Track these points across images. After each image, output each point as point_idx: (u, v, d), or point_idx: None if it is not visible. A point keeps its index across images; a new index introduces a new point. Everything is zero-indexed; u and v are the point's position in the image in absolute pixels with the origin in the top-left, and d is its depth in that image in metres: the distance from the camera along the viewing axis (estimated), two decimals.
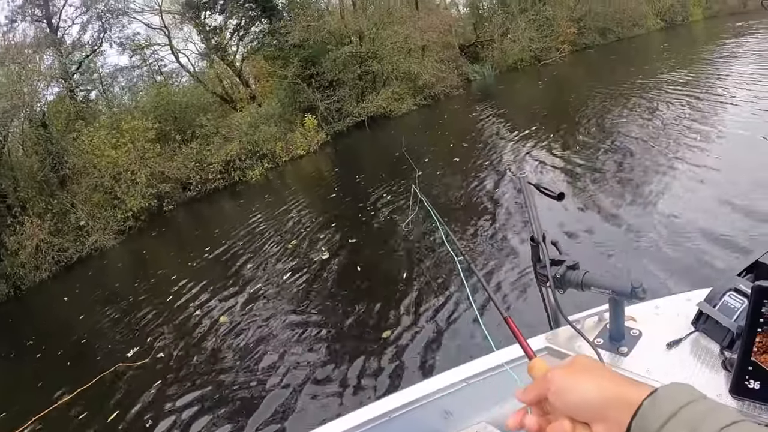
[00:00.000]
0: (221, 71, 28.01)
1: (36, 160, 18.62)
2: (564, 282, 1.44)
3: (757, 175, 5.95)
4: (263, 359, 5.56)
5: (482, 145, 12.62)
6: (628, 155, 8.42)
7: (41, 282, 15.12)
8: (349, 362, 4.91)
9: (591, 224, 6.23)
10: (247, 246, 10.25)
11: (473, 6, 33.33)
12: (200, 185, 20.54)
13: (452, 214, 7.99)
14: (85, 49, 23.95)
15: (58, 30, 22.84)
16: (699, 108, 9.97)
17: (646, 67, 17.11)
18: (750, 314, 1.04)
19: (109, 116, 22.81)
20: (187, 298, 8.45)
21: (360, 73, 24.89)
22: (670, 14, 33.59)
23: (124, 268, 13.97)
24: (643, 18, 31.99)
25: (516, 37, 29.02)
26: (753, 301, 1.03)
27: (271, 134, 21.80)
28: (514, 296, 5.10)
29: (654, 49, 23.29)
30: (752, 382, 1.06)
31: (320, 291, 6.92)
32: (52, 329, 10.21)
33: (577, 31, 30.22)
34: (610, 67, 21.08)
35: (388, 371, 4.61)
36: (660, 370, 1.34)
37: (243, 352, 5.89)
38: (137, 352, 6.88)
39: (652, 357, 1.39)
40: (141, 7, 25.35)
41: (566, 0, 30.69)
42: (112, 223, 17.47)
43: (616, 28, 31.46)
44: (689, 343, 1.38)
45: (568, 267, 1.44)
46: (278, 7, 25.32)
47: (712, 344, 1.34)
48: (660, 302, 1.61)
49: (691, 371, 1.30)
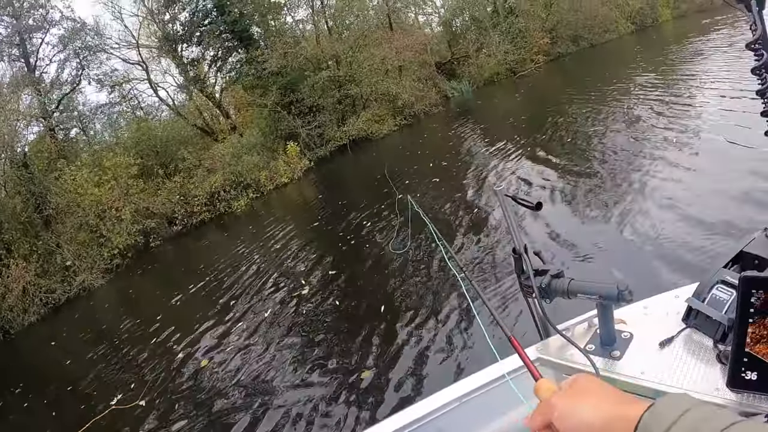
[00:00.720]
0: (201, 103, 28.10)
1: (19, 201, 18.39)
2: (550, 291, 1.42)
3: (728, 177, 6.03)
4: (255, 395, 5.44)
5: (462, 163, 12.70)
6: (606, 161, 8.49)
7: (30, 325, 14.88)
8: (347, 387, 4.83)
9: (572, 231, 6.26)
10: (235, 280, 10.12)
11: (446, 24, 33.86)
12: (186, 219, 20.44)
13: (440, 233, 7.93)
14: (64, 87, 23.97)
15: (36, 69, 22.92)
16: (670, 112, 10.06)
17: (620, 73, 17.42)
18: (739, 306, 1.02)
19: (90, 154, 22.76)
20: (175, 337, 8.26)
21: (339, 97, 25.13)
22: (640, 17, 34.36)
23: (112, 308, 13.76)
24: (614, 23, 32.69)
25: (491, 52, 29.49)
26: (741, 292, 1.02)
27: (254, 164, 21.83)
28: (500, 309, 5.06)
29: (627, 53, 23.75)
30: (749, 373, 1.04)
31: (313, 320, 6.82)
32: (40, 375, 9.98)
33: (551, 41, 30.80)
34: (584, 75, 21.40)
35: (384, 396, 4.53)
36: (655, 371, 1.31)
37: (233, 390, 5.75)
38: (125, 396, 6.71)
39: (645, 358, 1.36)
40: (118, 43, 25.49)
41: (537, 11, 31.25)
42: (99, 262, 17.29)
43: (588, 34, 32.07)
44: (682, 340, 1.36)
45: (552, 276, 1.43)
46: (254, 36, 25.52)
47: (704, 339, 1.32)
48: (648, 302, 1.59)
49: (686, 368, 1.28)
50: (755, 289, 0.99)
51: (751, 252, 1.37)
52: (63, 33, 23.86)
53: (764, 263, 1.34)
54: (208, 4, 24.98)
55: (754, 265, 1.36)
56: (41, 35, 23.18)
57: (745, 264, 1.38)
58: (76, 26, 24.13)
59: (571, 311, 1.63)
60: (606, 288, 1.29)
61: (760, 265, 1.34)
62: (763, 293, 0.99)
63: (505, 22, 30.46)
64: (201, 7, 25.36)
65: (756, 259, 1.36)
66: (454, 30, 33.74)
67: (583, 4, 30.93)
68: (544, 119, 13.80)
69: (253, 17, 25.03)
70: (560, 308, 1.57)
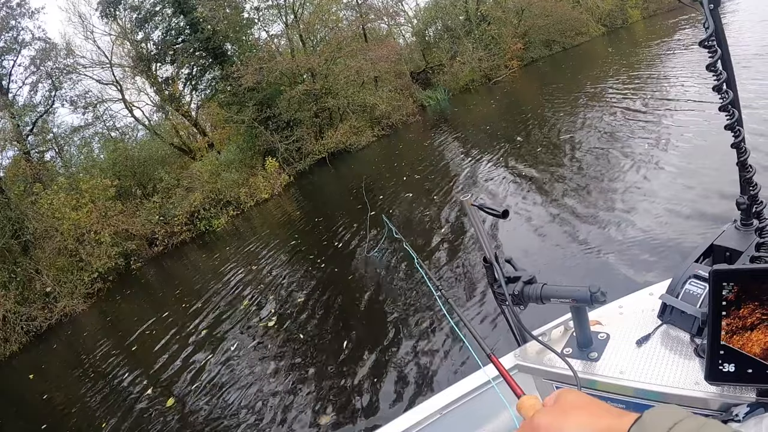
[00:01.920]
0: (177, 122, 27.88)
1: None
2: (523, 298, 1.43)
3: (698, 172, 6.17)
4: (238, 414, 5.38)
5: (436, 173, 12.69)
6: (578, 166, 8.56)
7: (12, 354, 14.52)
8: (335, 405, 4.78)
9: (545, 236, 6.32)
10: (217, 300, 9.99)
11: (419, 34, 34.11)
12: (166, 239, 20.18)
13: (415, 247, 7.90)
14: (38, 109, 23.66)
15: (8, 92, 22.61)
16: (642, 111, 10.26)
17: (592, 75, 17.70)
18: (712, 299, 1.02)
19: (66, 177, 22.37)
20: (158, 364, 8.10)
21: (316, 110, 25.14)
22: (610, 19, 34.91)
23: (94, 335, 13.43)
24: (585, 26, 33.15)
25: (465, 59, 29.72)
26: (712, 286, 1.01)
27: (233, 180, 21.67)
28: (479, 319, 5.07)
29: (599, 55, 24.13)
30: (726, 365, 1.05)
31: (295, 338, 6.75)
32: (20, 412, 9.72)
33: (524, 47, 31.14)
34: (558, 79, 21.66)
35: (366, 412, 4.51)
36: (633, 369, 1.31)
37: (221, 413, 5.67)
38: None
39: (623, 357, 1.36)
40: (91, 63, 25.16)
41: (509, 17, 31.63)
42: (80, 287, 16.93)
43: (560, 38, 32.51)
44: (658, 337, 1.36)
45: (525, 282, 1.43)
46: (228, 53, 25.42)
47: (681, 334, 1.33)
48: (623, 301, 1.59)
49: (665, 364, 1.28)
50: (726, 282, 1.00)
51: (722, 245, 1.38)
52: (34, 54, 23.67)
53: (736, 255, 1.34)
54: (181, 22, 24.83)
55: (725, 257, 1.37)
56: (12, 57, 22.96)
57: (717, 257, 1.39)
58: (47, 47, 23.94)
59: (550, 316, 1.63)
60: (578, 291, 1.29)
61: (732, 258, 1.35)
62: (734, 285, 0.99)
63: (478, 30, 30.79)
64: (174, 26, 25.22)
65: (727, 251, 1.37)
66: (427, 39, 34.01)
67: (554, 8, 31.33)
68: (518, 125, 13.97)
69: (227, 34, 24.97)
70: (539, 313, 1.57)
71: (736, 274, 0.99)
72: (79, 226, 18.42)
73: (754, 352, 1.00)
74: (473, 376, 1.65)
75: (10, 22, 22.70)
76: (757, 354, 1.00)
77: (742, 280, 0.98)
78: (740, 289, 0.98)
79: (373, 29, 30.98)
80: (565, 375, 1.41)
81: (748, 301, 0.98)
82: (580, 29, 33.02)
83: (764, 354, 0.99)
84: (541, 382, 1.56)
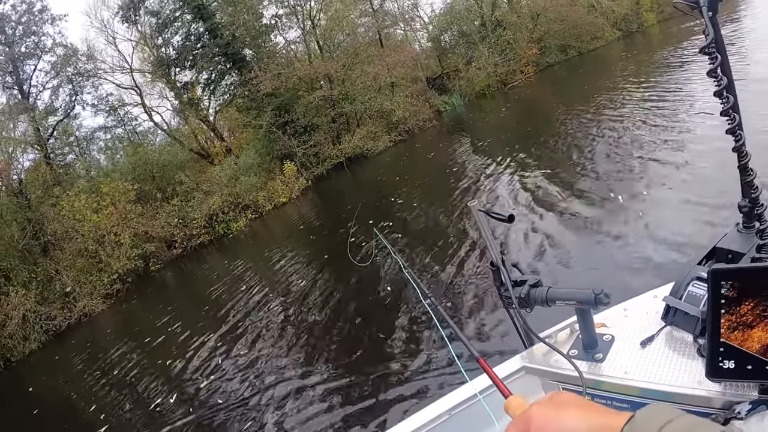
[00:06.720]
0: (195, 126, 28.20)
1: (16, 228, 18.28)
2: (529, 301, 1.46)
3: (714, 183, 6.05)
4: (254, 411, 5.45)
5: (450, 179, 12.66)
6: (588, 172, 8.52)
7: (31, 353, 14.78)
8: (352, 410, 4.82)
9: (553, 241, 6.32)
10: (235, 303, 10.08)
11: (435, 39, 34.09)
12: (185, 242, 20.44)
13: (421, 253, 8.01)
14: (58, 113, 24.13)
15: (29, 96, 23.05)
16: (654, 121, 10.04)
17: (608, 80, 17.49)
18: (710, 297, 1.04)
19: (87, 180, 22.79)
20: (175, 363, 8.23)
21: (333, 115, 25.26)
22: (626, 23, 34.50)
23: (113, 334, 13.66)
24: (600, 30, 32.81)
25: (480, 65, 29.64)
26: (711, 285, 1.04)
27: (252, 185, 21.89)
28: (480, 325, 5.08)
29: (614, 60, 23.83)
30: (726, 362, 1.06)
31: (306, 345, 6.80)
32: (39, 407, 9.85)
33: (539, 51, 30.93)
34: (573, 84, 21.50)
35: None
36: (638, 370, 1.33)
37: (241, 417, 5.74)
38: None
39: (628, 358, 1.38)
40: (111, 67, 25.66)
41: (524, 22, 31.46)
42: (99, 288, 17.24)
43: (576, 43, 32.19)
44: (662, 338, 1.38)
45: (531, 286, 1.47)
46: (247, 59, 25.67)
47: (684, 335, 1.34)
48: (628, 304, 1.61)
49: (668, 364, 1.29)
50: (724, 281, 1.01)
51: (724, 247, 1.40)
52: (55, 59, 24.12)
53: (738, 257, 1.36)
54: (200, 27, 25.23)
55: (727, 259, 1.38)
56: (34, 62, 23.45)
57: (719, 259, 1.41)
58: (68, 52, 24.38)
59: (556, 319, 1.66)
60: (583, 293, 1.32)
61: (734, 260, 1.37)
62: (733, 284, 1.01)
63: (493, 35, 30.67)
64: (194, 31, 25.64)
65: (729, 253, 1.38)
66: (443, 45, 33.98)
67: (569, 13, 31.10)
68: (532, 131, 13.88)
69: (245, 40, 25.23)
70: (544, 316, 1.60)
71: (734, 273, 1.01)
72: (100, 228, 18.76)
73: (754, 349, 1.01)
74: (459, 390, 1.66)
75: (32, 28, 23.20)
76: (756, 351, 1.01)
77: (740, 279, 1.00)
78: (739, 288, 1.00)
79: (389, 35, 31.07)
80: (570, 376, 1.43)
81: (747, 300, 1.00)
82: (595, 34, 32.66)
83: (763, 350, 1.01)
84: (547, 383, 1.58)
